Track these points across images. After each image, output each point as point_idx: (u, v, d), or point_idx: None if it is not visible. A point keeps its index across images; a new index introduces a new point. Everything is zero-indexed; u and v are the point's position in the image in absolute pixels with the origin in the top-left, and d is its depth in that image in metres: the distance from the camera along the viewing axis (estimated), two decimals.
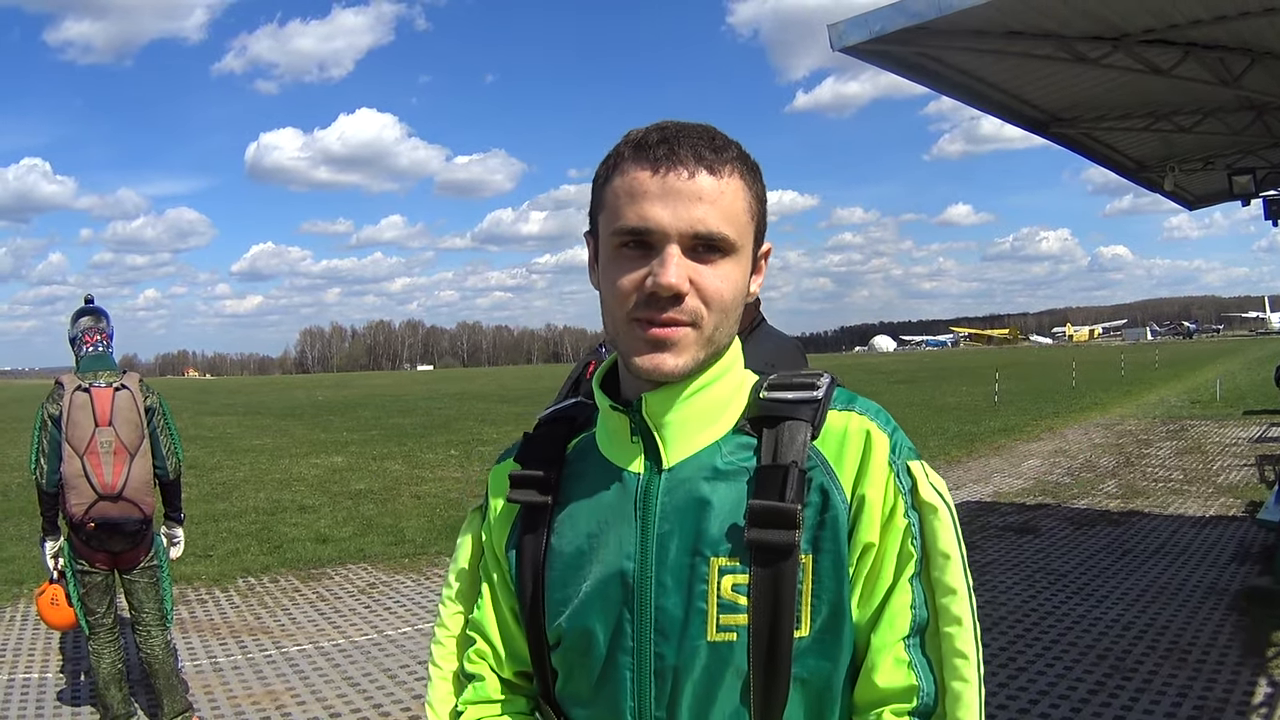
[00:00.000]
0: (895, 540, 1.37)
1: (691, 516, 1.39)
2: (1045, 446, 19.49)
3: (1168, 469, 15.49)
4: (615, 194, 1.39)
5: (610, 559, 1.43)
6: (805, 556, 1.35)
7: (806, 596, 1.35)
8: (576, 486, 1.51)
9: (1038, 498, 13.44)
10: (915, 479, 1.40)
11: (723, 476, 1.41)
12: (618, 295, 1.38)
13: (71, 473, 5.25)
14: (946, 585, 1.36)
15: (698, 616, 1.37)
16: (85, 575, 5.44)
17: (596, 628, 1.43)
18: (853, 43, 6.34)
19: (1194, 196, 13.91)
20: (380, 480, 17.73)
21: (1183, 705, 5.80)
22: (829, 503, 1.36)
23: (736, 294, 1.40)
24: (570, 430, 1.59)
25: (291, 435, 28.98)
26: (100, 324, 5.66)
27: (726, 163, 1.38)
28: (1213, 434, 19.82)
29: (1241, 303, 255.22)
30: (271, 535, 12.43)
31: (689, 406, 1.43)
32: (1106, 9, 6.27)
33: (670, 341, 1.36)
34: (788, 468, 1.35)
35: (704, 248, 1.36)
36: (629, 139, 1.42)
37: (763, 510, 1.34)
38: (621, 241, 1.38)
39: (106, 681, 5.59)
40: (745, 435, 1.43)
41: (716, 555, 1.36)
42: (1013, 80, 8.19)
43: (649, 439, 1.45)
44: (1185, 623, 7.32)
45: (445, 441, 24.87)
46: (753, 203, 1.42)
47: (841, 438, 1.41)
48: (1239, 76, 7.34)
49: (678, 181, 1.34)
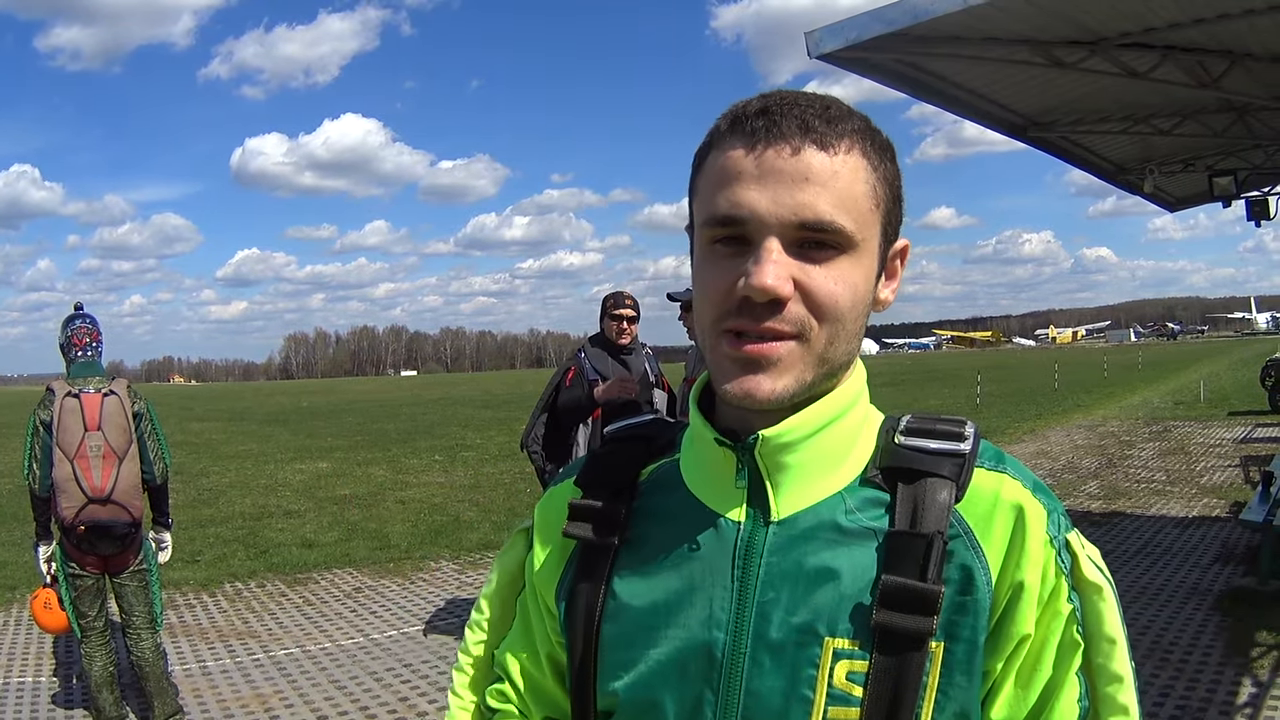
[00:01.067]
0: (1058, 629, 1.13)
1: (804, 584, 1.13)
2: (1027, 448, 19.53)
3: (1151, 470, 15.54)
4: (708, 177, 1.15)
5: (694, 624, 1.17)
6: (936, 645, 1.10)
7: (931, 691, 1.10)
8: (654, 527, 1.24)
9: None
10: (1075, 555, 1.15)
11: (847, 538, 1.14)
12: (708, 302, 1.13)
13: (62, 476, 5.30)
14: (1112, 673, 1.13)
15: (801, 706, 1.11)
16: (77, 579, 5.50)
17: (666, 704, 1.17)
18: (830, 50, 6.34)
19: (1175, 198, 13.93)
20: (365, 485, 17.71)
21: (1165, 705, 5.84)
22: (972, 583, 1.11)
23: (856, 300, 1.13)
24: (647, 453, 1.31)
25: (277, 441, 28.91)
26: (90, 330, 5.70)
27: (843, 136, 1.11)
28: (1196, 435, 19.89)
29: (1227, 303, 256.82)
30: (258, 540, 12.43)
31: (813, 446, 1.17)
32: (1082, 13, 6.31)
33: (768, 360, 1.10)
34: (931, 538, 1.10)
35: (813, 242, 1.09)
36: (730, 111, 1.16)
37: (898, 589, 1.09)
38: (714, 235, 1.13)
39: (99, 684, 5.65)
40: (875, 489, 1.16)
41: (834, 635, 1.11)
42: (990, 85, 8.23)
43: (757, 482, 1.18)
44: (1167, 623, 7.36)
45: (429, 447, 24.83)
46: (879, 187, 1.14)
47: (991, 506, 1.14)
48: (1218, 78, 7.37)
49: (778, 160, 1.08)
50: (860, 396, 1.22)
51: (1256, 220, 11.58)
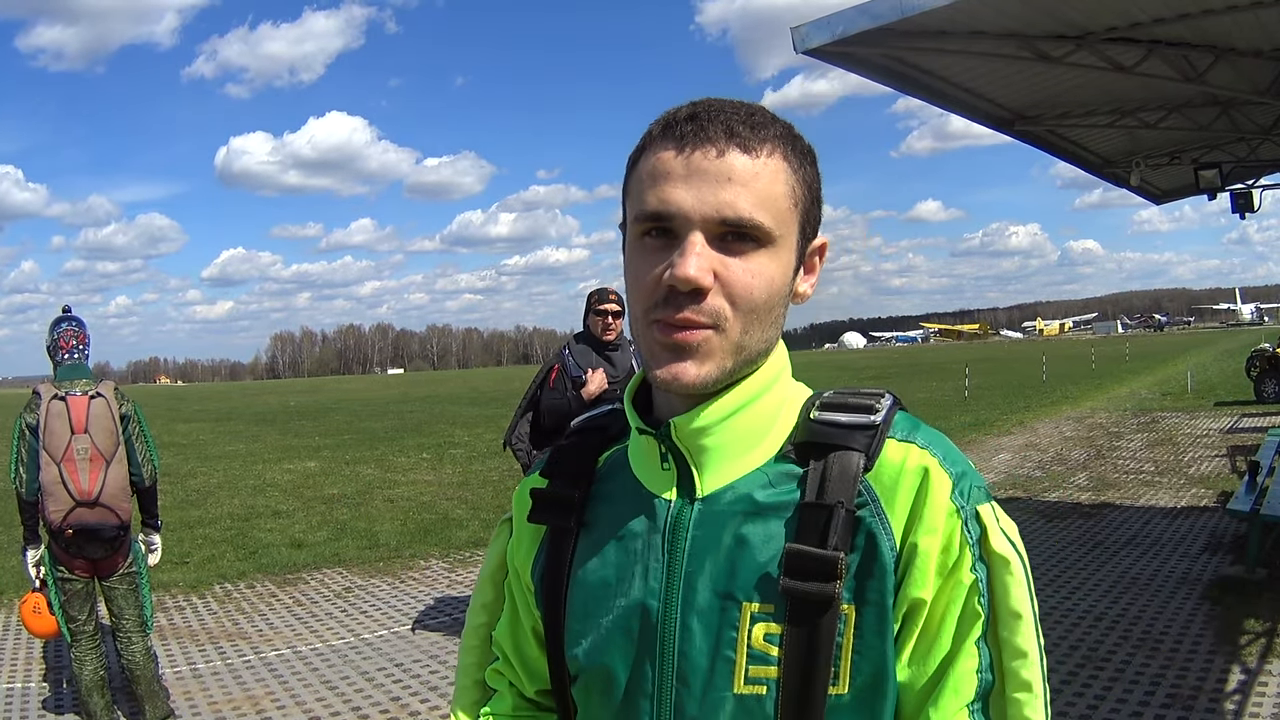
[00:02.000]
0: (959, 598, 1.18)
1: (725, 555, 1.23)
2: (1016, 440, 19.60)
3: (1139, 461, 15.62)
4: (640, 177, 1.22)
5: (635, 594, 1.28)
6: (848, 607, 1.17)
7: (847, 651, 1.17)
8: (605, 509, 1.35)
9: (1009, 491, 13.50)
10: (985, 526, 1.20)
11: (762, 511, 1.23)
12: (638, 292, 1.22)
13: (49, 480, 5.27)
14: (1017, 648, 1.17)
15: (724, 665, 1.21)
16: (66, 583, 5.46)
17: (616, 666, 1.29)
18: (816, 45, 6.33)
19: (1160, 191, 13.99)
20: (353, 484, 17.70)
21: (1155, 694, 5.86)
22: (876, 549, 1.18)
23: (772, 292, 1.21)
24: (603, 441, 1.42)
25: (264, 441, 28.90)
26: (77, 333, 5.67)
27: (765, 141, 1.20)
28: (1184, 426, 19.98)
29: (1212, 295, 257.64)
30: (246, 541, 12.40)
31: (728, 428, 1.25)
32: (1069, 8, 6.32)
33: (691, 347, 1.18)
34: (833, 508, 1.17)
35: (734, 236, 1.17)
36: (662, 117, 1.24)
37: (800, 557, 1.17)
38: (643, 230, 1.21)
39: (89, 688, 5.60)
40: (790, 463, 1.25)
41: (750, 600, 1.20)
42: (976, 79, 8.23)
43: (682, 465, 1.27)
44: (1157, 613, 7.39)
45: (417, 445, 24.87)
46: (798, 188, 1.22)
47: (897, 474, 1.21)
48: (1203, 73, 7.40)
49: (704, 160, 1.17)
50: (778, 379, 1.30)
51: (1241, 212, 11.66)
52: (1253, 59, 7.28)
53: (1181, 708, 5.67)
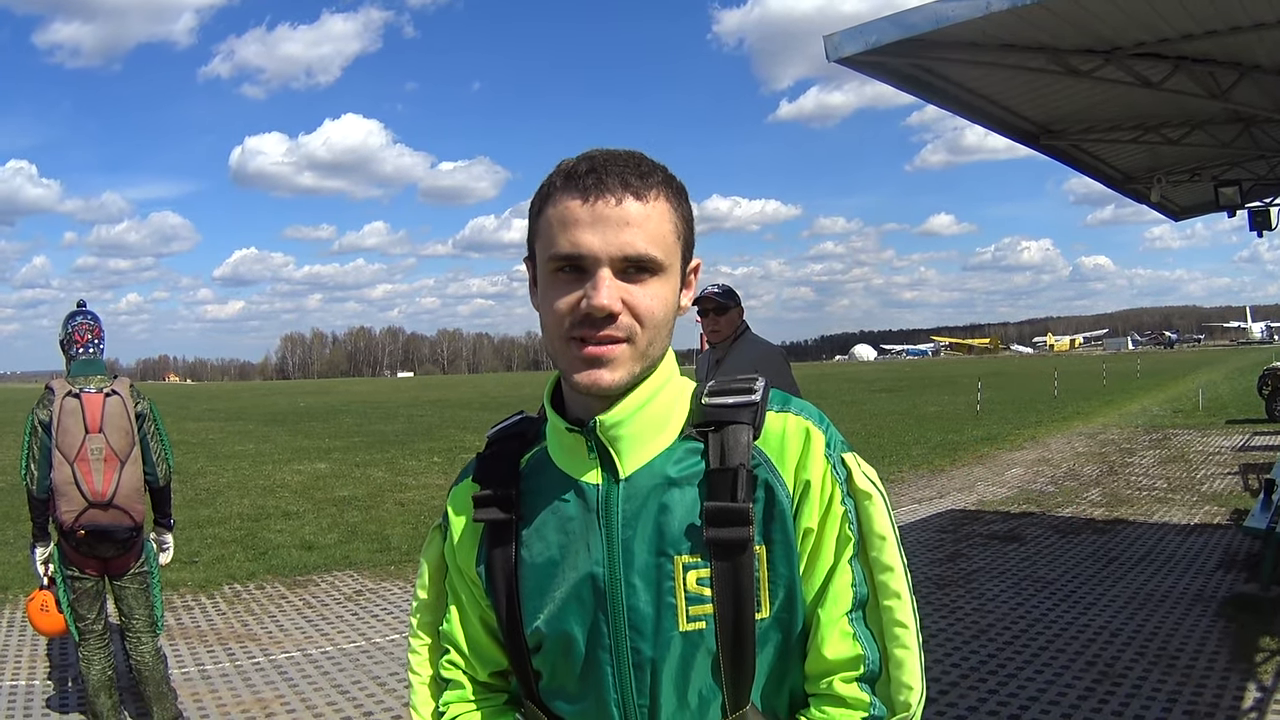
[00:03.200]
0: (834, 525, 1.51)
1: (652, 520, 1.50)
2: (1028, 455, 19.57)
3: (1151, 478, 15.56)
4: (549, 222, 1.48)
5: (581, 565, 1.52)
6: (759, 547, 1.48)
7: (764, 583, 1.49)
8: (538, 501, 1.59)
9: (1022, 506, 13.50)
10: (850, 469, 1.53)
11: (676, 481, 1.51)
12: (555, 317, 1.47)
13: (62, 480, 5.20)
14: (884, 563, 1.51)
15: (668, 610, 1.48)
16: (75, 581, 5.40)
17: (575, 630, 1.53)
18: (848, 54, 6.33)
19: (1179, 208, 13.97)
20: (364, 487, 17.70)
21: (1173, 711, 5.84)
22: (774, 497, 1.49)
23: (667, 310, 1.50)
24: (521, 445, 1.67)
25: (274, 441, 28.93)
26: (92, 326, 5.60)
27: (651, 187, 1.46)
28: (1196, 443, 19.92)
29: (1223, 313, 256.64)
30: (256, 542, 12.41)
31: (639, 419, 1.52)
32: (1098, 22, 6.30)
33: (606, 358, 1.45)
34: (736, 470, 1.47)
35: (634, 269, 1.44)
36: (560, 169, 1.50)
37: (718, 511, 1.46)
38: (557, 267, 1.46)
39: (96, 688, 5.55)
40: (693, 440, 1.53)
41: (679, 553, 1.48)
42: (1004, 92, 8.23)
43: (604, 453, 1.53)
44: (1173, 629, 7.36)
45: (428, 449, 24.84)
46: (679, 223, 1.51)
47: (781, 437, 1.53)
48: (1227, 90, 7.39)
49: (606, 209, 1.42)
50: (671, 377, 1.58)
51: (1259, 230, 11.64)
52: (1276, 76, 7.26)
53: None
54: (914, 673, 1.49)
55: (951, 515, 12.99)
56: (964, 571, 9.57)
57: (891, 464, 18.23)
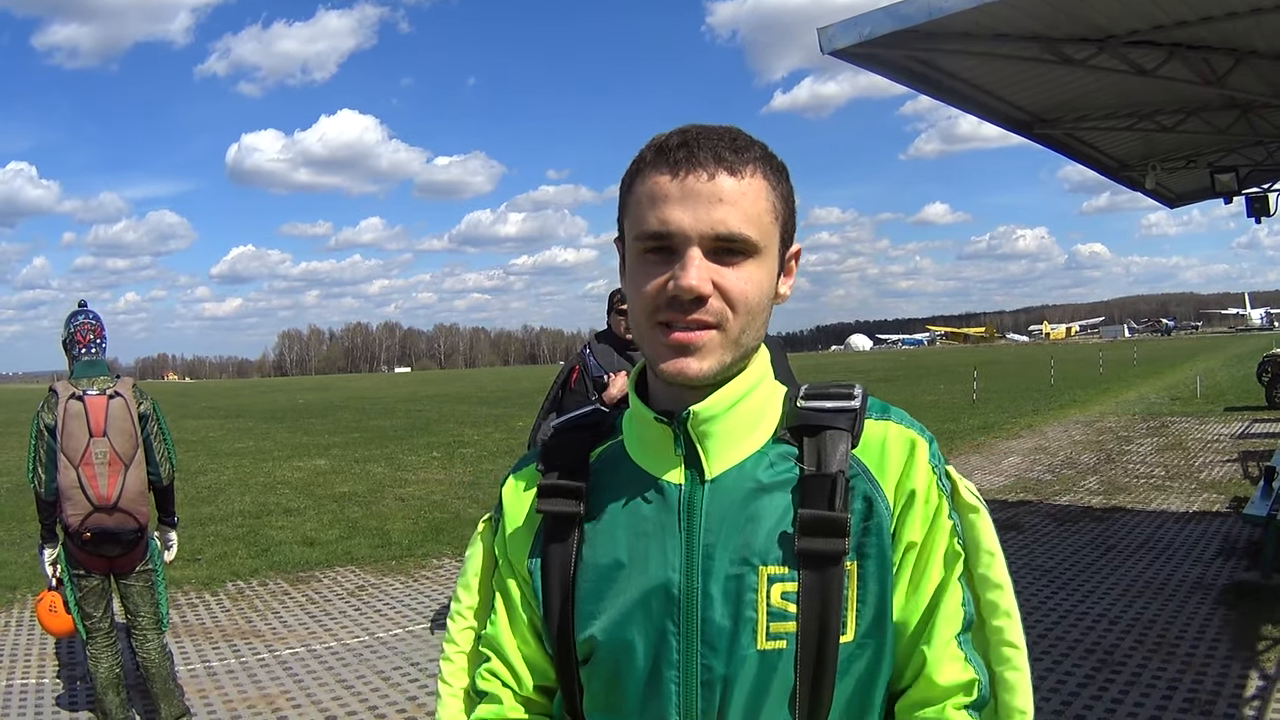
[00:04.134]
0: (942, 540, 1.40)
1: (738, 527, 1.39)
2: (1025, 444, 19.59)
3: (1149, 465, 15.57)
4: (638, 199, 1.39)
5: (653, 571, 1.41)
6: (850, 563, 1.36)
7: (852, 602, 1.36)
8: (609, 496, 1.48)
9: (1019, 494, 13.51)
10: (955, 482, 1.44)
11: (768, 487, 1.40)
12: (642, 300, 1.38)
13: (67, 483, 5.22)
14: (993, 581, 1.41)
15: (747, 626, 1.36)
16: (82, 580, 5.43)
17: (636, 641, 1.41)
18: (842, 46, 6.36)
19: (1175, 194, 13.97)
20: (364, 483, 17.71)
21: (1173, 698, 5.86)
22: (873, 510, 1.38)
23: (762, 295, 1.39)
24: (593, 438, 1.55)
25: (274, 438, 28.93)
26: (94, 326, 5.61)
27: (748, 163, 1.36)
28: (1194, 431, 19.93)
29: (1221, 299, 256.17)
30: (258, 539, 12.42)
31: (732, 416, 1.42)
32: (1092, 11, 6.32)
33: (695, 345, 1.35)
34: (834, 477, 1.36)
35: (726, 250, 1.34)
36: (653, 143, 1.40)
37: (813, 519, 1.35)
38: (645, 247, 1.37)
39: (105, 686, 5.56)
40: (786, 444, 1.43)
41: (766, 564, 1.36)
42: (998, 82, 8.24)
43: (691, 450, 1.43)
44: (1172, 617, 7.38)
45: (427, 444, 24.85)
46: (777, 203, 1.40)
47: (882, 446, 1.43)
48: (1223, 76, 7.39)
49: (697, 184, 1.33)
50: (767, 373, 1.49)
51: (1256, 216, 11.65)
52: (1272, 62, 7.27)
53: (1200, 712, 5.65)
54: (1026, 697, 1.41)
55: None
56: None
57: None
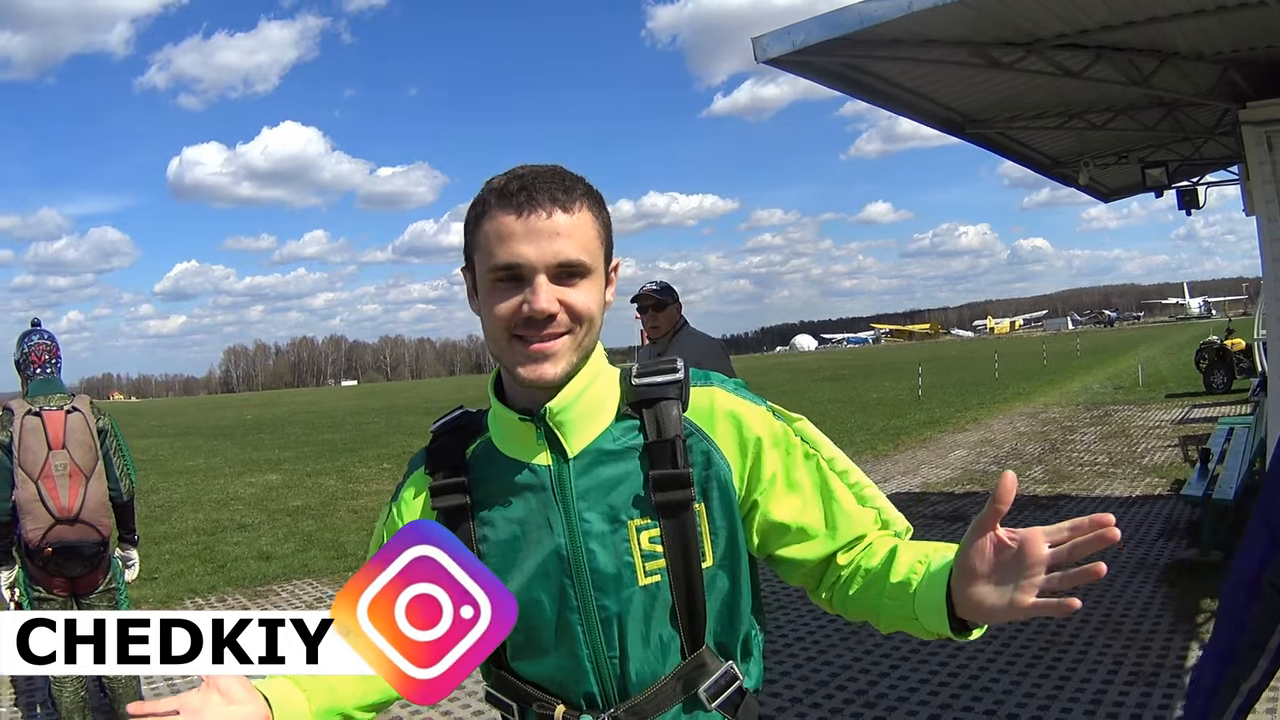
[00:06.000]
0: (797, 452, 1.80)
1: (603, 492, 1.71)
2: (971, 437, 19.88)
3: (1093, 453, 15.87)
4: (486, 236, 1.66)
5: (544, 539, 1.71)
6: (699, 505, 1.72)
7: (706, 535, 1.72)
8: (489, 485, 1.77)
9: (966, 486, 13.78)
10: (773, 406, 1.84)
11: (620, 455, 1.73)
12: (499, 320, 1.65)
13: (26, 498, 5.15)
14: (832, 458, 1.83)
15: (627, 568, 1.70)
16: (43, 603, 5.30)
17: (543, 597, 1.71)
18: (776, 55, 6.52)
19: (1108, 189, 14.33)
20: (316, 496, 17.73)
21: (1119, 673, 6.06)
22: (711, 460, 1.73)
23: (597, 306, 1.70)
24: (465, 437, 1.85)
25: (224, 455, 28.72)
26: (49, 346, 5.57)
27: (576, 199, 1.65)
28: (1136, 418, 20.33)
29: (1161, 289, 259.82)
30: (214, 555, 12.40)
31: (580, 404, 1.72)
32: (1018, 16, 6.51)
33: (548, 353, 1.65)
34: (673, 440, 1.71)
35: (566, 273, 1.64)
36: (492, 187, 1.68)
37: (661, 477, 1.69)
38: (497, 276, 1.65)
39: (70, 711, 5.46)
40: (629, 419, 1.75)
41: (631, 518, 1.70)
42: (929, 85, 8.44)
43: (552, 437, 1.73)
44: (1117, 596, 7.60)
45: (376, 455, 24.84)
46: (600, 229, 1.71)
47: (709, 409, 1.77)
48: (1148, 76, 7.62)
49: (538, 222, 1.61)
50: (602, 364, 1.78)
51: (1187, 209, 11.98)
52: (1194, 62, 7.52)
53: (1145, 685, 5.85)
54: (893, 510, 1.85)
55: (896, 498, 12.98)
56: None
57: None
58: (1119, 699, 5.70)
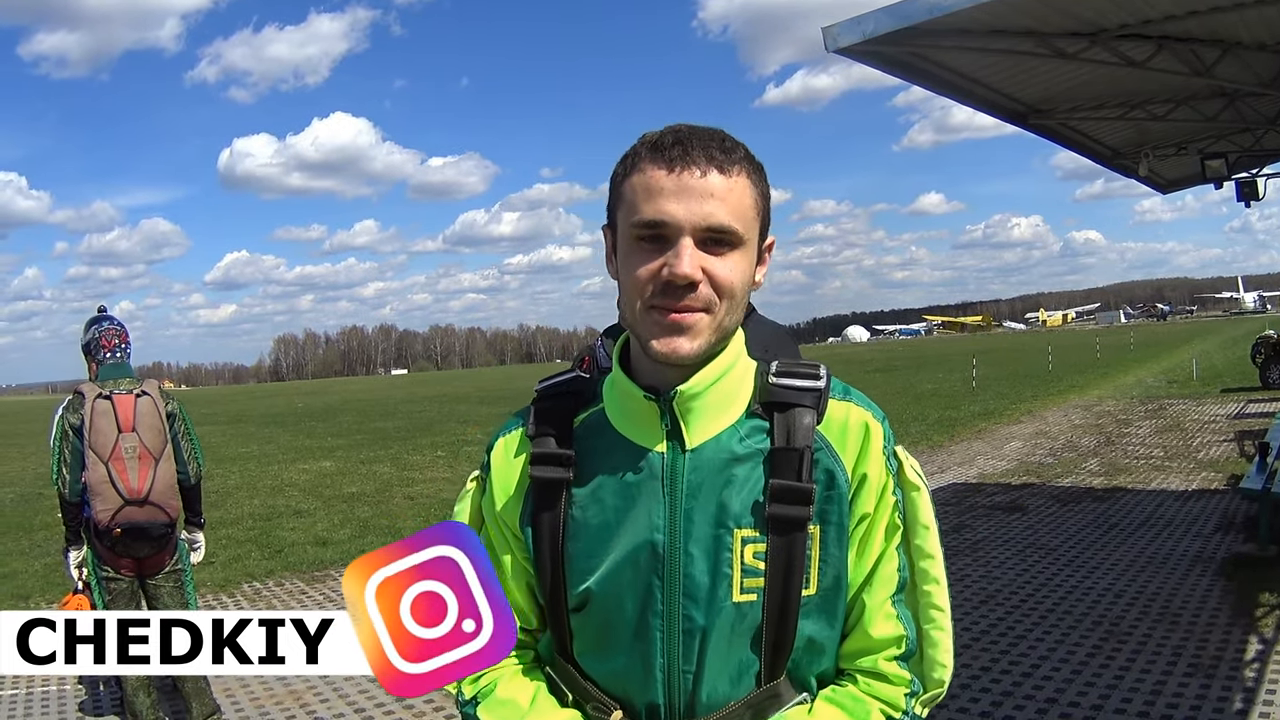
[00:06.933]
0: (886, 513, 1.62)
1: (715, 493, 1.56)
2: (1026, 429, 19.77)
3: (1148, 447, 15.76)
4: (633, 190, 1.53)
5: (640, 531, 1.58)
6: (814, 527, 1.57)
7: (814, 561, 1.58)
8: (595, 462, 1.64)
9: (1022, 478, 13.71)
10: (901, 462, 1.65)
11: (741, 457, 1.58)
12: (636, 284, 1.53)
13: (96, 479, 5.23)
14: (926, 551, 1.65)
15: (723, 580, 1.55)
16: (111, 583, 5.39)
17: (626, 593, 1.59)
18: (846, 44, 6.55)
19: (1166, 181, 14.21)
20: (371, 483, 17.82)
21: (1177, 664, 6.06)
22: (834, 482, 1.58)
23: (745, 283, 1.56)
24: (575, 404, 1.71)
25: (277, 442, 28.98)
26: (119, 332, 5.66)
27: (735, 163, 1.52)
28: (1191, 412, 20.12)
29: (1215, 283, 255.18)
30: (270, 540, 12.50)
31: (713, 393, 1.59)
32: (1084, 6, 6.52)
33: (685, 326, 1.51)
34: (801, 451, 1.56)
35: (714, 240, 1.50)
36: (645, 140, 1.55)
37: (782, 489, 1.55)
38: (639, 235, 1.52)
39: (135, 689, 5.54)
40: (758, 419, 1.61)
41: (740, 527, 1.55)
42: (994, 75, 8.43)
43: (675, 423, 1.59)
44: (1175, 589, 7.58)
45: (430, 443, 24.91)
46: (758, 199, 1.57)
47: (843, 425, 1.62)
48: (1211, 67, 7.58)
49: (691, 179, 1.48)
50: (742, 353, 1.65)
51: (1246, 201, 11.84)
52: (1257, 52, 7.46)
53: (1204, 677, 5.85)
54: (947, 652, 1.66)
55: (954, 489, 13.20)
56: (969, 541, 9.80)
57: None
58: (1179, 689, 5.70)
